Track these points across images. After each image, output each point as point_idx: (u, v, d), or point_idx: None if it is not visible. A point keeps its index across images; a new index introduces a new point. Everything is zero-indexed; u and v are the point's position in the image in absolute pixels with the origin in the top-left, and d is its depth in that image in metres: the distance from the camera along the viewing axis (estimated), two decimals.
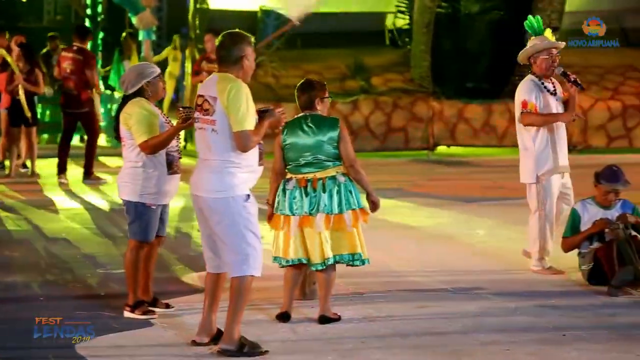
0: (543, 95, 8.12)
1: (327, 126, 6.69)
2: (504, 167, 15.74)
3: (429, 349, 6.10)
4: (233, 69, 5.91)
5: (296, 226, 6.62)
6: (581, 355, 5.90)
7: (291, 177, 6.71)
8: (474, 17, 17.71)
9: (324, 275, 6.68)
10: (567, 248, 7.89)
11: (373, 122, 16.86)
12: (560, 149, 8.15)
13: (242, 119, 5.77)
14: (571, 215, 7.89)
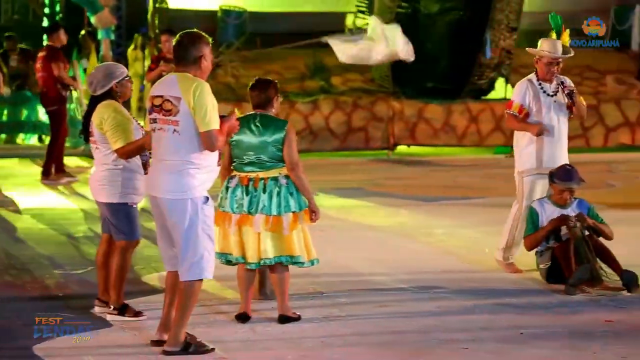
0: (539, 97, 8.08)
1: (274, 127, 6.68)
2: (463, 166, 15.87)
3: (389, 348, 6.13)
4: (191, 68, 5.90)
5: (235, 224, 6.61)
6: (539, 353, 5.96)
7: (234, 174, 6.70)
8: (433, 17, 17.77)
9: (276, 275, 6.68)
10: (530, 246, 7.94)
11: (333, 122, 16.88)
12: (552, 151, 8.05)
13: (209, 119, 5.77)
14: (530, 214, 7.94)
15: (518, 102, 8.14)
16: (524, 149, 8.14)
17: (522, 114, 8.14)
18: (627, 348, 6.03)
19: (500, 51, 17.11)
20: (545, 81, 8.10)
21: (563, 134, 8.15)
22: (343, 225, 10.48)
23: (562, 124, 8.13)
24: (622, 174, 14.65)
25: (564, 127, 8.17)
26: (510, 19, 17.07)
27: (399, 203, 12.02)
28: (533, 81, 8.14)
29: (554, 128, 8.09)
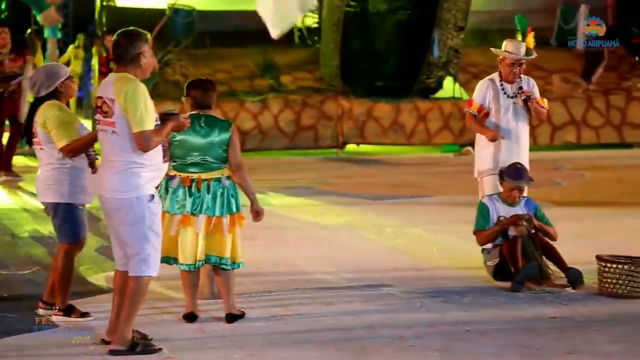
0: (499, 98, 8.11)
1: (219, 128, 6.65)
2: (412, 165, 15.94)
3: (336, 346, 6.14)
4: (130, 67, 5.87)
5: (176, 225, 6.57)
6: (484, 350, 6.00)
7: (175, 174, 6.66)
8: (382, 16, 17.84)
9: (221, 275, 6.66)
10: (482, 241, 7.96)
11: (282, 121, 16.87)
12: (510, 153, 8.07)
13: (141, 120, 5.73)
14: (480, 209, 7.96)
15: (478, 102, 8.17)
16: (483, 149, 8.20)
17: (481, 113, 8.17)
18: (571, 344, 6.10)
19: (448, 50, 17.21)
20: (508, 82, 8.15)
21: (521, 136, 8.17)
22: (292, 224, 10.49)
23: (520, 126, 8.17)
24: (568, 172, 14.81)
25: (523, 129, 8.19)
26: (457, 18, 17.16)
27: (348, 202, 12.05)
28: (495, 81, 8.18)
29: (512, 130, 8.13)
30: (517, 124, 8.14)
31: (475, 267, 8.15)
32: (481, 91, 8.19)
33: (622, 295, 7.22)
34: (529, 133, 8.31)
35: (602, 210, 11.25)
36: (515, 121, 8.13)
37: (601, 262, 7.40)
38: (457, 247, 8.97)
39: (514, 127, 8.13)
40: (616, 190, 12.96)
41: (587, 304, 7.09)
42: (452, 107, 17.15)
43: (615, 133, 17.59)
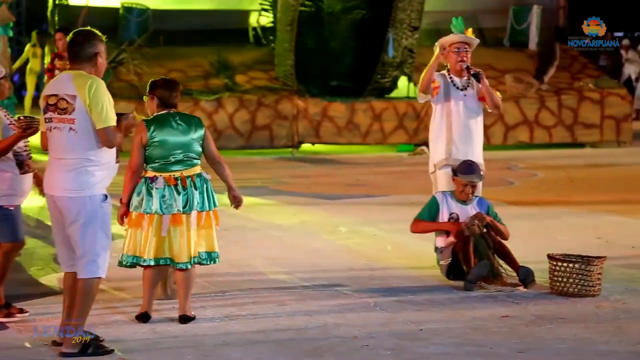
0: (449, 91, 8.11)
1: (194, 124, 6.73)
2: (367, 164, 15.98)
3: (290, 346, 6.14)
4: (86, 66, 5.85)
5: (167, 225, 6.57)
6: (437, 350, 6.03)
7: (156, 175, 6.64)
8: (337, 16, 17.86)
9: (185, 274, 6.65)
10: (417, 230, 7.99)
11: (237, 120, 16.84)
12: (464, 143, 8.08)
13: (106, 116, 5.74)
14: (430, 202, 7.99)
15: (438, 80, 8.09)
16: (435, 142, 8.22)
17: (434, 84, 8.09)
18: (523, 343, 6.14)
19: (402, 50, 17.27)
20: (456, 75, 8.18)
21: (473, 129, 8.18)
22: (247, 224, 10.46)
23: (472, 118, 8.18)
24: (521, 171, 14.93)
25: (475, 122, 8.19)
26: (412, 18, 17.23)
27: (303, 201, 12.06)
28: (444, 75, 8.20)
29: (464, 122, 8.13)
30: (468, 117, 8.15)
31: (429, 267, 8.19)
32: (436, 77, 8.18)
33: (573, 294, 7.30)
34: (481, 125, 8.31)
35: (554, 209, 11.36)
36: (466, 114, 8.14)
37: (552, 261, 7.46)
38: (411, 247, 9.01)
39: (465, 120, 8.13)
40: (568, 189, 13.09)
41: (538, 303, 7.15)
42: (407, 107, 17.22)
43: (568, 133, 17.76)
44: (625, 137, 17.89)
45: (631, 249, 9.08)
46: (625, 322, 6.62)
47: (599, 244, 9.24)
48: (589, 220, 10.62)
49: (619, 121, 17.84)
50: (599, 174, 14.61)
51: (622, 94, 18.13)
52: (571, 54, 19.19)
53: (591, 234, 9.73)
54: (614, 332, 6.36)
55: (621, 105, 17.93)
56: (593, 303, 7.13)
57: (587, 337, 6.26)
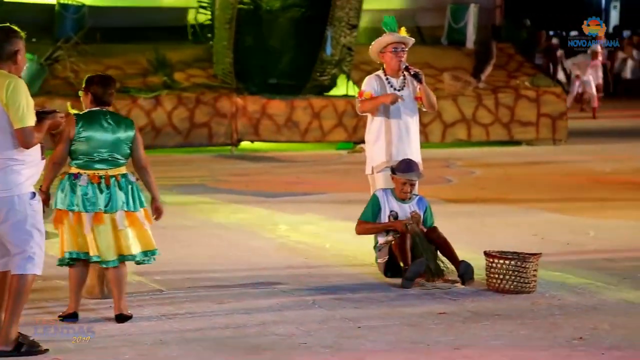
0: (386, 91, 8.11)
1: (124, 125, 6.67)
2: (306, 162, 15.99)
3: (229, 345, 6.13)
4: (5, 64, 5.79)
5: (90, 223, 6.51)
6: (374, 347, 6.06)
7: (80, 172, 6.58)
8: (275, 14, 17.83)
9: (115, 273, 6.61)
10: (361, 232, 8.02)
11: (176, 118, 16.74)
12: (403, 144, 8.11)
13: (23, 116, 5.67)
14: (372, 201, 8.01)
15: (369, 90, 8.17)
16: (374, 144, 8.22)
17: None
18: (459, 339, 6.20)
19: (341, 48, 17.31)
20: (393, 75, 8.21)
21: (411, 128, 8.22)
22: (185, 222, 10.42)
23: (409, 118, 8.21)
24: (459, 169, 15.05)
25: (412, 121, 8.23)
26: (350, 16, 17.27)
27: (242, 199, 12.04)
28: (380, 76, 8.23)
29: (401, 122, 8.15)
30: (405, 117, 8.18)
31: (367, 264, 8.23)
32: (369, 83, 8.21)
33: (509, 291, 7.37)
34: (418, 126, 8.36)
35: (491, 206, 11.47)
36: (404, 114, 8.17)
37: (489, 258, 7.53)
38: (350, 245, 9.03)
39: (403, 120, 8.16)
40: (505, 186, 13.23)
41: (475, 300, 7.21)
42: (346, 105, 17.25)
43: (504, 130, 17.93)
44: (561, 135, 18.11)
45: (566, 245, 9.20)
46: (560, 318, 6.70)
47: (535, 240, 9.35)
48: (525, 217, 10.74)
49: (555, 119, 18.06)
50: (535, 171, 14.78)
51: (557, 92, 18.36)
52: (508, 52, 19.40)
53: (527, 231, 9.84)
54: (549, 328, 6.44)
55: (556, 104, 18.15)
56: (529, 299, 7.21)
57: (522, 334, 6.33)
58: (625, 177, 13.90)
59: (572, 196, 12.26)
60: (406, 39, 8.20)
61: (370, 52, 8.30)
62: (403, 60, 8.15)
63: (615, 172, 14.47)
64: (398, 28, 8.24)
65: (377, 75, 8.23)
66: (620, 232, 9.84)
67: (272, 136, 17.22)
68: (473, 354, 5.89)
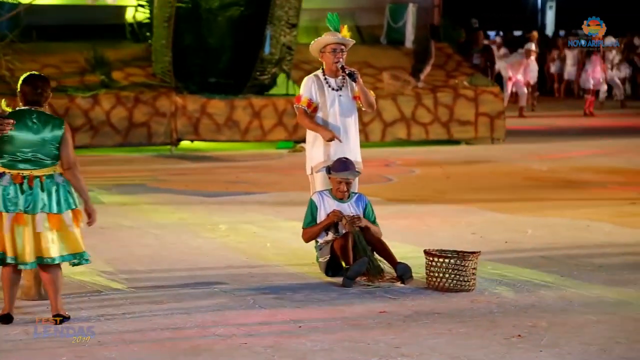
0: (324, 91, 8.14)
1: (52, 125, 6.54)
2: (246, 161, 15.95)
3: (168, 345, 6.08)
4: None
5: (9, 223, 6.41)
6: (315, 346, 6.05)
7: (4, 171, 6.48)
8: (214, 13, 17.76)
9: (48, 274, 6.52)
10: (306, 238, 8.06)
11: (114, 117, 16.60)
12: (341, 144, 8.10)
13: None
14: (310, 206, 8.04)
15: (306, 97, 8.18)
16: (313, 145, 8.24)
17: (310, 108, 8.17)
18: (400, 338, 6.22)
19: (281, 47, 17.30)
20: (331, 75, 8.22)
21: (350, 128, 8.22)
22: (124, 222, 10.34)
23: (347, 117, 8.21)
24: (399, 168, 15.11)
25: (351, 121, 8.23)
26: (290, 16, 17.27)
27: (181, 199, 11.97)
28: (319, 76, 8.23)
29: (340, 123, 8.16)
30: (344, 117, 8.19)
31: (308, 264, 8.22)
32: (307, 86, 8.23)
33: (448, 289, 7.42)
34: (357, 125, 8.38)
35: (430, 205, 11.54)
36: (342, 114, 8.19)
37: (428, 257, 7.57)
38: (291, 244, 9.03)
39: (342, 120, 8.17)
40: (444, 185, 13.31)
41: (415, 298, 7.25)
42: (286, 104, 17.24)
43: (444, 129, 18.06)
44: (499, 134, 18.29)
45: (504, 243, 9.28)
46: (498, 316, 6.76)
47: (474, 239, 9.42)
48: (464, 216, 10.82)
49: (493, 118, 18.22)
50: (474, 170, 14.90)
51: (495, 92, 18.53)
52: (446, 52, 19.53)
53: (466, 230, 9.92)
54: (487, 326, 6.49)
55: (494, 103, 18.32)
56: (468, 298, 7.26)
57: (462, 331, 6.37)
58: (561, 176, 14.07)
59: (510, 195, 12.38)
60: (346, 40, 8.21)
61: (310, 49, 8.31)
62: (341, 60, 8.17)
63: (552, 170, 14.65)
64: (341, 26, 8.25)
65: (315, 76, 8.24)
66: (558, 230, 9.96)
67: (212, 135, 17.15)
68: (412, 352, 5.92)
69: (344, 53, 8.19)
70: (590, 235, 9.70)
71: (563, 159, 16.02)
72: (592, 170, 14.63)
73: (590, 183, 13.38)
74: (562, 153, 16.86)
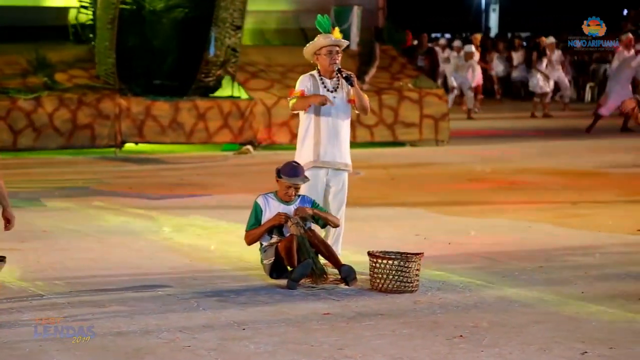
0: (319, 90, 8.13)
1: None
2: (191, 163, 15.90)
3: (111, 349, 6.05)
4: None
5: None
6: (259, 348, 6.06)
7: None
8: (159, 14, 17.69)
9: None
10: (249, 241, 8.05)
11: (58, 119, 16.45)
12: (330, 146, 8.14)
13: None
14: (254, 209, 8.04)
15: (301, 89, 8.19)
16: (302, 143, 8.25)
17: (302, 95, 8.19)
18: (343, 339, 6.24)
19: (226, 49, 17.26)
20: (327, 76, 8.22)
21: (341, 130, 8.24)
22: (66, 225, 10.26)
23: (340, 119, 8.23)
24: None
25: (343, 124, 8.25)
26: (234, 17, 17.24)
27: (125, 202, 11.90)
28: (315, 75, 8.25)
29: (332, 123, 8.18)
30: (336, 119, 8.21)
31: (253, 266, 8.22)
32: (302, 83, 8.24)
33: (392, 291, 7.46)
34: (349, 127, 8.39)
35: (375, 207, 11.59)
36: (335, 116, 8.21)
37: (372, 258, 7.61)
38: (235, 246, 9.01)
39: (333, 122, 8.20)
40: (389, 187, 13.38)
41: (359, 300, 7.27)
42: (232, 106, 17.22)
43: (389, 131, 18.14)
44: (443, 136, 18.41)
45: (448, 245, 9.36)
46: (441, 317, 6.82)
47: (418, 240, 9.49)
48: (408, 217, 10.89)
49: (437, 120, 18.35)
50: (419, 172, 15.00)
51: (439, 94, 18.66)
52: (391, 54, 19.62)
53: (410, 231, 9.98)
54: (430, 327, 6.54)
55: (438, 105, 18.44)
56: (411, 299, 7.31)
57: (405, 332, 6.41)
58: (504, 177, 14.21)
59: (454, 196, 12.48)
60: (339, 41, 8.23)
61: (304, 53, 8.32)
62: (337, 62, 8.19)
63: (495, 172, 14.78)
64: (332, 28, 8.29)
65: (311, 75, 8.28)
66: (500, 231, 10.06)
67: (156, 138, 17.06)
68: (356, 354, 5.94)
69: (340, 55, 8.22)
70: (531, 236, 9.81)
71: (506, 161, 16.18)
72: (534, 171, 14.79)
73: (532, 184, 13.53)
74: (505, 154, 17.02)
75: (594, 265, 8.51)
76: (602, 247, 9.24)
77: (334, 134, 8.22)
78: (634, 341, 6.21)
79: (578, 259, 8.76)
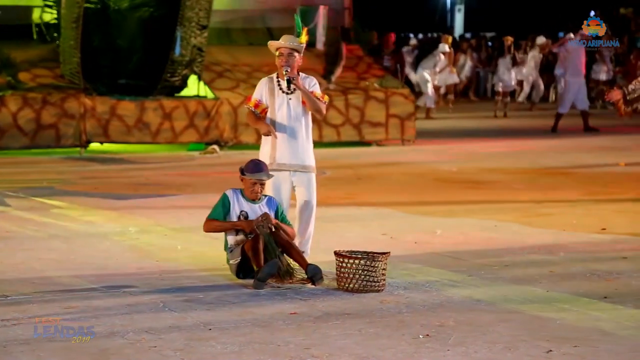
0: (274, 93, 8.17)
1: None
2: (157, 163, 15.85)
3: (76, 350, 6.01)
4: None
5: None
6: (225, 349, 6.04)
7: None
8: (124, 14, 17.61)
9: None
10: (208, 229, 8.03)
11: (21, 119, 16.34)
12: (288, 148, 8.16)
13: None
14: (222, 200, 8.02)
15: (255, 98, 8.27)
16: (262, 147, 8.31)
17: (259, 109, 8.25)
18: (310, 339, 6.24)
19: (191, 48, 17.21)
20: (283, 78, 8.21)
21: (298, 131, 8.22)
22: (31, 225, 10.19)
23: (297, 121, 8.22)
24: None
25: (300, 124, 8.23)
26: (200, 17, 17.20)
27: (91, 202, 11.84)
28: (273, 78, 8.28)
29: (288, 125, 8.19)
30: (292, 120, 8.21)
31: (219, 267, 8.20)
32: (259, 88, 8.32)
33: (359, 290, 7.47)
34: (309, 128, 8.37)
35: (341, 207, 11.60)
36: (291, 117, 8.21)
37: (339, 258, 7.62)
38: (202, 246, 9.00)
39: (290, 123, 8.20)
40: (355, 187, 13.40)
41: (325, 299, 7.28)
42: (197, 106, 17.18)
43: (355, 131, 18.17)
44: (409, 135, 18.48)
45: (414, 244, 9.38)
46: (407, 316, 6.83)
47: (384, 240, 9.51)
48: (375, 217, 10.91)
49: (403, 120, 18.40)
50: (385, 171, 15.03)
51: (405, 94, 18.72)
52: (357, 54, 19.66)
53: (377, 231, 10.00)
54: (396, 326, 6.55)
55: (404, 105, 18.50)
56: (378, 298, 7.32)
57: (371, 332, 6.42)
58: (470, 177, 14.28)
59: (420, 196, 12.52)
60: (295, 45, 8.22)
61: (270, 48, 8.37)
62: (288, 64, 8.18)
63: (461, 171, 14.85)
64: (302, 28, 8.31)
65: (270, 78, 8.33)
66: (466, 230, 10.11)
67: (122, 137, 16.99)
68: (322, 353, 5.94)
69: (293, 57, 8.19)
70: (497, 235, 9.86)
71: (472, 160, 16.25)
72: (500, 171, 14.87)
73: (498, 184, 13.60)
74: (471, 154, 17.10)
75: (559, 264, 8.57)
76: (566, 246, 9.31)
77: (292, 136, 8.22)
78: (599, 339, 6.26)
79: (543, 258, 8.81)
